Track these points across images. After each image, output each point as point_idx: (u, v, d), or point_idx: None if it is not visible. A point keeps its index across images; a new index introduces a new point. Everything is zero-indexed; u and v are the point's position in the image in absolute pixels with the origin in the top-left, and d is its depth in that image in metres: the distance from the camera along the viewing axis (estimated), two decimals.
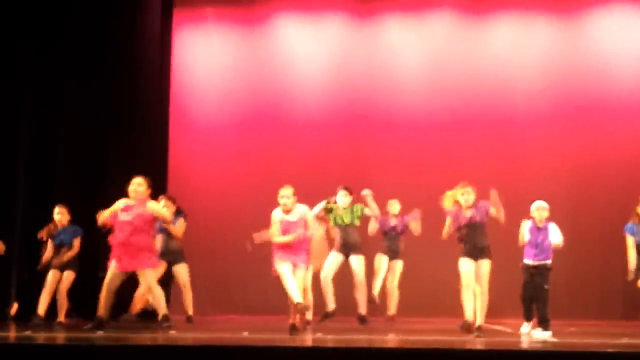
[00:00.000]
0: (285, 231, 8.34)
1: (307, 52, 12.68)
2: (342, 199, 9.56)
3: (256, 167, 12.36)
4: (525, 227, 9.06)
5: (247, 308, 11.73)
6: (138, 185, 8.51)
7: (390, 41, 12.58)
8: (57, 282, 9.89)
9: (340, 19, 12.71)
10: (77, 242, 9.97)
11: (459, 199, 8.40)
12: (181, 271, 9.78)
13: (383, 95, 12.38)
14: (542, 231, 9.00)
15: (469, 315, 8.23)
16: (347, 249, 9.50)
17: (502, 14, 12.45)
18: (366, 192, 9.61)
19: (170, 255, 9.71)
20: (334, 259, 9.50)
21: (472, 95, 12.21)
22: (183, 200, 11.85)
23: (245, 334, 8.35)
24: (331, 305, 9.39)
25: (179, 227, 9.66)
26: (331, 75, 12.59)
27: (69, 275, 9.91)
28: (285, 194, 8.41)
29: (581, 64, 12.12)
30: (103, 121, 11.72)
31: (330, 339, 8.16)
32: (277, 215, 8.44)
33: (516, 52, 12.28)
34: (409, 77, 12.43)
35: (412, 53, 12.51)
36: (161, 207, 8.93)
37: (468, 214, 8.34)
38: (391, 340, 8.28)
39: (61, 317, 9.87)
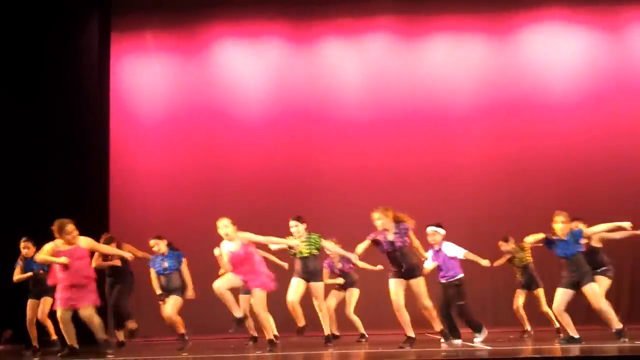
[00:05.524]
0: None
1: (247, 75, 12.83)
2: (295, 229, 9.36)
3: (198, 190, 12.42)
4: (428, 254, 9.47)
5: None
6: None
7: (328, 64, 12.84)
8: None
9: (279, 44, 12.89)
10: None
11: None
12: (171, 302, 9.70)
13: (321, 110, 12.65)
14: (439, 253, 9.39)
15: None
16: (307, 275, 9.40)
17: (435, 35, 12.84)
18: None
19: (172, 291, 9.74)
20: (297, 284, 9.39)
21: (408, 109, 12.58)
22: (126, 222, 11.89)
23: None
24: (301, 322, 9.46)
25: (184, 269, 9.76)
26: (271, 95, 12.77)
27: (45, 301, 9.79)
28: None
29: (509, 78, 12.63)
30: (41, 148, 11.67)
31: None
32: None
33: (448, 69, 12.70)
34: (346, 96, 12.72)
35: (348, 76, 12.80)
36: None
37: (390, 237, 8.61)
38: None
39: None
